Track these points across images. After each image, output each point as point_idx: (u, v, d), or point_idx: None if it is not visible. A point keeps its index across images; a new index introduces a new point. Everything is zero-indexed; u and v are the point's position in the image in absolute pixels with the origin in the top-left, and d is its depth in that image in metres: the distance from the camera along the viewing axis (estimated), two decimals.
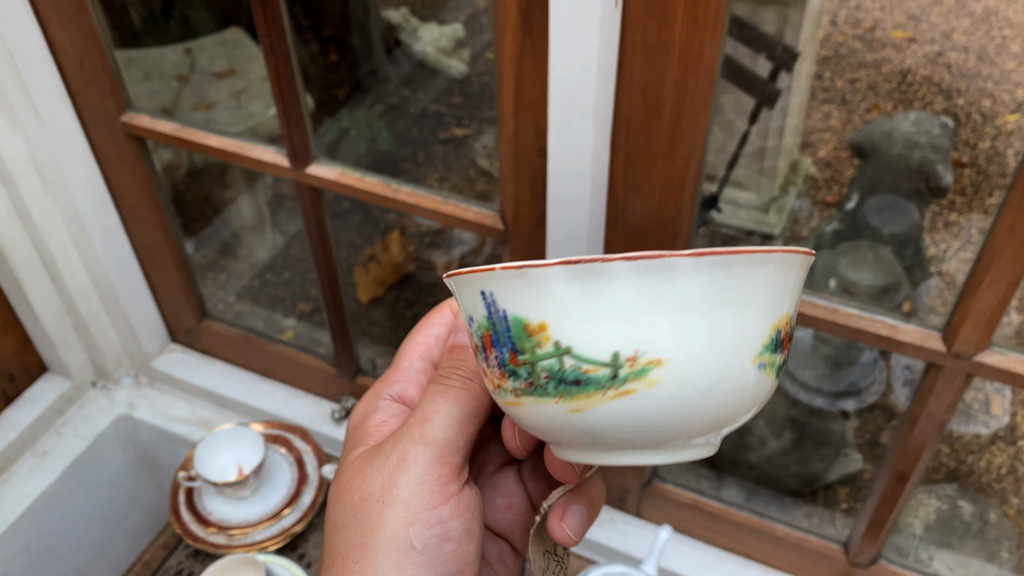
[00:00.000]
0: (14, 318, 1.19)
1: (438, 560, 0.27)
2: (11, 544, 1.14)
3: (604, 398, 0.26)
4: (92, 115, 1.05)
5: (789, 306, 0.27)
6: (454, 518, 0.28)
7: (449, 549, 0.28)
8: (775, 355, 0.27)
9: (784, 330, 0.27)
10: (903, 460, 0.88)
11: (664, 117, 0.73)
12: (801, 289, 0.28)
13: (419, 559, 0.27)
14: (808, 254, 0.28)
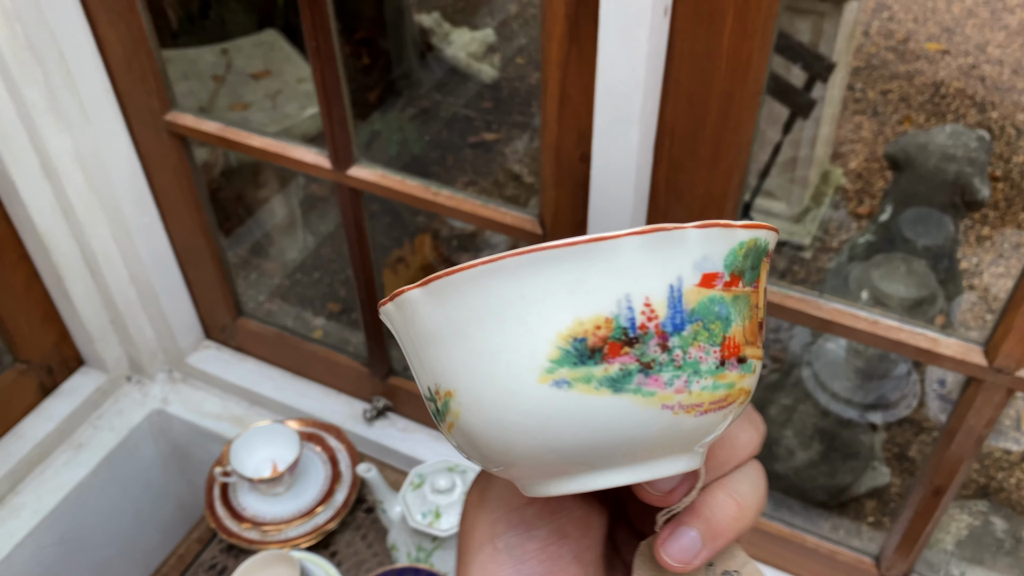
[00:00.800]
0: (54, 312, 1.21)
1: (519, 559, 0.27)
2: (46, 534, 1.16)
3: (446, 429, 0.24)
4: (137, 113, 1.07)
5: (595, 309, 0.22)
6: (539, 518, 0.27)
7: (532, 548, 0.27)
8: (586, 368, 0.22)
9: (599, 334, 0.22)
10: (939, 474, 0.88)
11: (709, 126, 0.73)
12: (616, 282, 0.22)
13: (500, 557, 0.27)
14: (569, 245, 0.21)
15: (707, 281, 0.22)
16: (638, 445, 0.23)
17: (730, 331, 0.23)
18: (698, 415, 0.23)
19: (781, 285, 0.84)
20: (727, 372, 0.23)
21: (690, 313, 0.22)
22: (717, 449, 0.27)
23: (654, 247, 0.22)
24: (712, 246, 0.22)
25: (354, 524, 1.08)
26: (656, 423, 0.22)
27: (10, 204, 1.08)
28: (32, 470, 1.19)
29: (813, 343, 1.45)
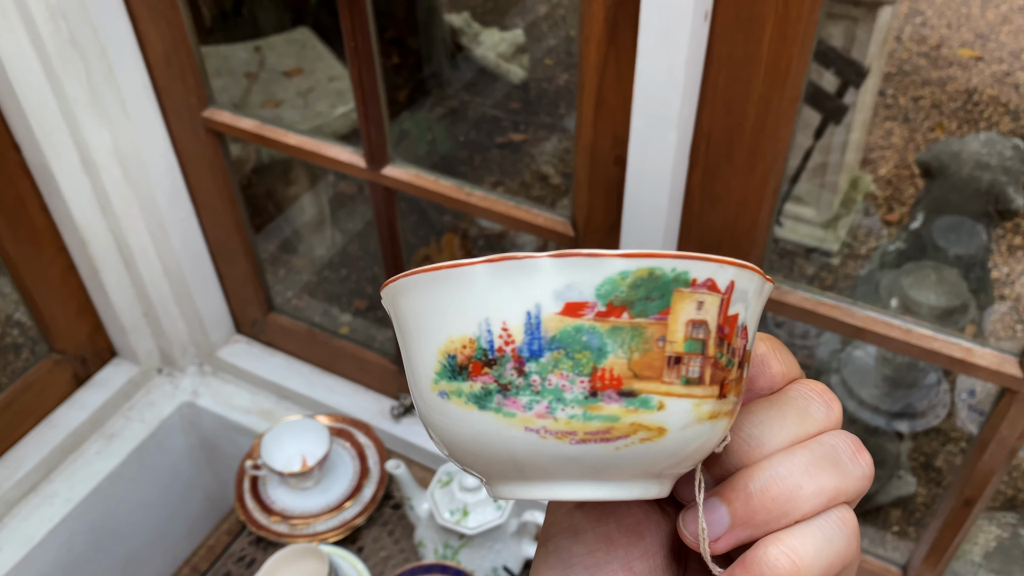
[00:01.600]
0: (89, 304, 1.23)
1: (566, 562, 0.27)
2: (78, 521, 1.18)
3: None
4: (175, 109, 1.08)
5: (462, 329, 0.23)
6: (586, 522, 0.27)
7: (579, 552, 0.27)
8: (456, 383, 0.23)
9: (464, 353, 0.23)
10: (970, 485, 0.87)
11: (746, 131, 0.73)
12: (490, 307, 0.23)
13: (550, 560, 0.27)
14: (446, 268, 0.23)
15: (571, 310, 0.22)
16: (526, 463, 0.23)
17: (605, 362, 0.22)
18: (573, 443, 0.23)
19: (813, 291, 0.84)
20: (602, 404, 0.22)
21: (550, 340, 0.22)
22: (769, 498, 0.24)
23: (506, 275, 0.22)
24: (577, 275, 0.22)
25: (381, 520, 1.09)
26: (526, 444, 0.23)
27: (50, 197, 1.10)
28: (65, 458, 1.21)
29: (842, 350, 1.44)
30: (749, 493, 0.25)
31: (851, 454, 0.26)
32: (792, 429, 0.26)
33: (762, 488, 0.25)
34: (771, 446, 0.25)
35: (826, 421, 0.26)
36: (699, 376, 0.23)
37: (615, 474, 0.24)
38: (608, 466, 0.23)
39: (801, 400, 0.26)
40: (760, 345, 0.27)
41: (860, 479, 0.26)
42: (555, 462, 0.23)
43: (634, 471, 0.24)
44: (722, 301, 0.23)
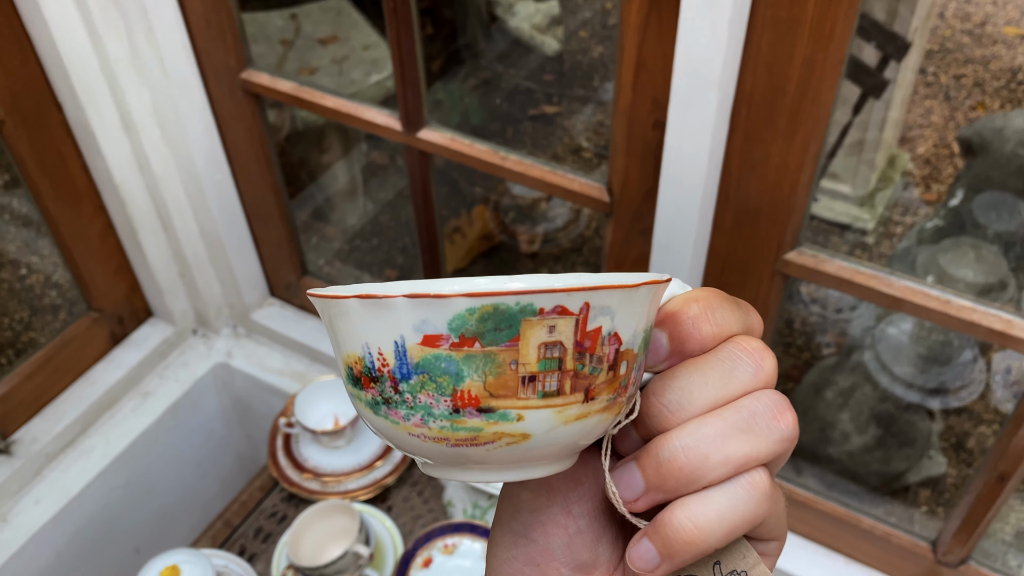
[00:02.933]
0: (126, 263, 1.25)
1: (516, 507, 0.30)
2: (114, 476, 1.20)
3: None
4: (213, 71, 1.09)
5: (352, 347, 0.26)
6: None
7: (526, 497, 0.29)
8: (356, 389, 0.27)
9: (356, 368, 0.26)
10: (1005, 460, 0.86)
11: (788, 95, 0.72)
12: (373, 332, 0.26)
13: (503, 504, 0.30)
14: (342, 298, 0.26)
15: (429, 341, 0.25)
16: (419, 455, 0.27)
17: (462, 385, 0.25)
18: (449, 446, 0.26)
19: (850, 260, 0.83)
20: (465, 419, 0.25)
21: (415, 366, 0.25)
22: (676, 467, 0.26)
23: (373, 309, 0.25)
24: (429, 312, 0.25)
25: (411, 480, 1.11)
26: (415, 444, 0.26)
27: (91, 157, 1.11)
28: (102, 415, 1.24)
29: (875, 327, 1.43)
30: (659, 461, 0.26)
31: (768, 418, 0.26)
32: (712, 392, 0.26)
33: (670, 457, 0.26)
34: (688, 412, 0.26)
35: (753, 381, 0.27)
36: (557, 388, 0.25)
37: (500, 466, 0.26)
38: (488, 460, 0.26)
39: (727, 361, 0.27)
40: (692, 307, 0.27)
41: (776, 443, 0.26)
42: (442, 457, 0.26)
43: (516, 463, 0.26)
44: (577, 321, 0.25)
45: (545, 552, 0.28)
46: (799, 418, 0.29)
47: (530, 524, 0.29)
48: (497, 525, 0.29)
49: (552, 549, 0.28)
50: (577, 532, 0.29)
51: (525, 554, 0.28)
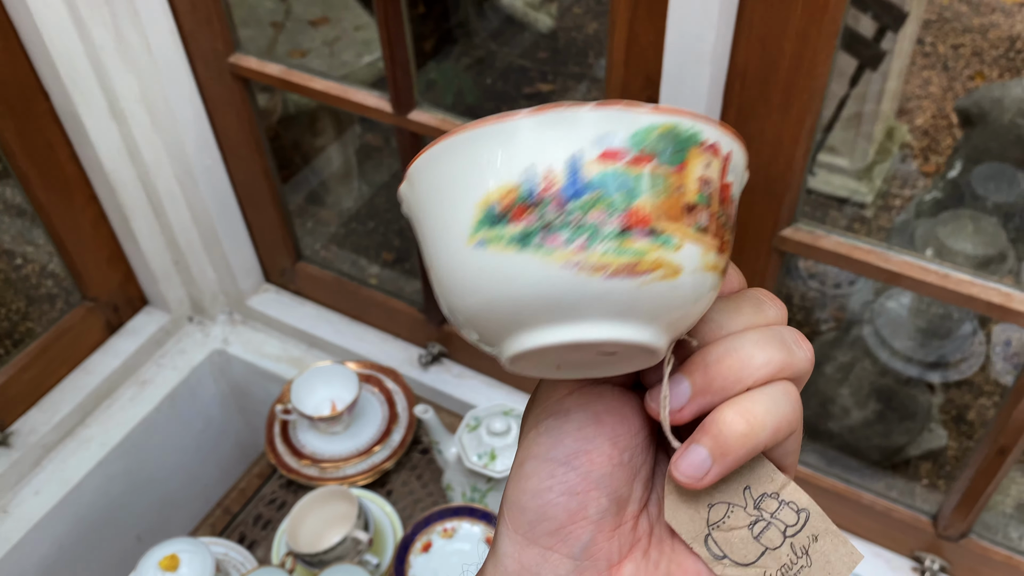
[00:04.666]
0: (120, 252, 1.24)
1: (556, 438, 0.29)
2: (114, 465, 1.20)
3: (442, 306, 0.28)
4: (201, 56, 1.07)
5: (503, 179, 0.25)
6: (577, 406, 0.30)
7: (569, 429, 0.29)
8: (496, 228, 0.25)
9: (505, 201, 0.25)
10: (1005, 434, 0.86)
11: (782, 69, 0.71)
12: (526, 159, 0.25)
13: (540, 439, 0.30)
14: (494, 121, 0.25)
15: (608, 156, 0.25)
16: (557, 301, 0.26)
17: (635, 202, 0.25)
18: (605, 277, 0.25)
19: (848, 235, 0.82)
20: (633, 239, 0.25)
21: (588, 183, 0.25)
22: (724, 367, 0.28)
23: (550, 125, 0.25)
24: (613, 125, 0.25)
25: (410, 464, 1.10)
26: (561, 281, 0.25)
27: (79, 145, 1.10)
28: (99, 404, 1.23)
29: (874, 301, 1.42)
30: (707, 363, 0.28)
31: (796, 339, 0.29)
32: (747, 318, 0.29)
33: (717, 359, 0.28)
34: (729, 328, 0.29)
35: (776, 318, 0.30)
36: (706, 226, 0.26)
37: (634, 315, 0.26)
38: (631, 304, 0.26)
39: (755, 299, 0.30)
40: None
41: (803, 360, 0.29)
42: (586, 299, 0.25)
43: (650, 313, 0.26)
44: (722, 166, 0.27)
45: (587, 480, 0.29)
46: (801, 394, 0.30)
47: (575, 452, 0.29)
48: (532, 458, 0.29)
49: (594, 478, 0.29)
50: (620, 464, 0.29)
51: (563, 483, 0.29)
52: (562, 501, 0.29)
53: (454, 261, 0.26)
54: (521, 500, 0.29)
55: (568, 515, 0.29)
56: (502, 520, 0.30)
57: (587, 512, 0.29)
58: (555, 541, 0.29)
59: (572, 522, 0.29)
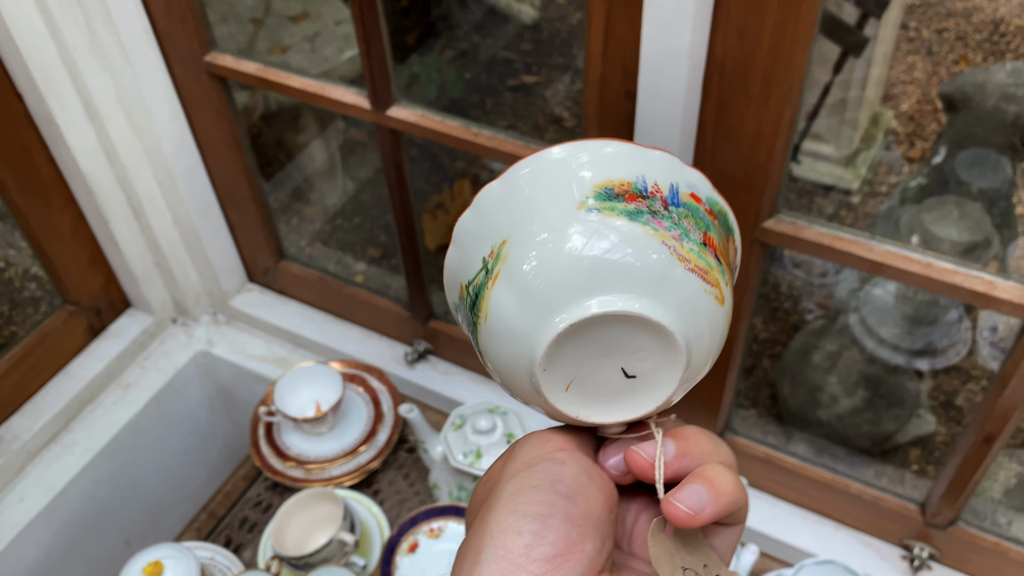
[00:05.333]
0: (100, 254, 1.23)
1: (555, 481, 0.31)
2: (99, 470, 1.19)
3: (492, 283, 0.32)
4: (177, 55, 1.06)
5: (622, 176, 0.31)
6: (571, 457, 0.32)
7: (566, 473, 0.31)
8: (611, 203, 0.31)
9: (622, 187, 0.31)
10: (991, 421, 0.86)
11: (760, 60, 0.71)
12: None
13: (537, 475, 0.31)
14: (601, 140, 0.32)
15: (695, 197, 0.33)
16: (641, 269, 0.30)
17: (710, 233, 0.32)
18: (687, 269, 0.31)
19: (830, 226, 0.82)
20: (707, 253, 0.32)
21: (683, 203, 0.32)
22: (703, 439, 0.33)
23: (661, 159, 0.32)
24: (701, 180, 0.33)
25: (396, 463, 1.10)
26: (657, 252, 0.30)
27: (55, 147, 1.09)
28: (83, 408, 1.22)
29: (860, 289, 1.42)
30: (687, 435, 0.33)
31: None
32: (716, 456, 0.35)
33: (695, 434, 0.33)
34: (696, 433, 0.34)
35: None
36: (727, 279, 0.34)
37: (687, 314, 0.31)
38: (692, 303, 0.31)
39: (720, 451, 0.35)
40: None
41: (743, 491, 0.34)
42: (670, 278, 0.31)
43: (695, 320, 0.31)
44: (734, 256, 0.36)
45: (587, 518, 0.30)
46: (789, 383, 0.34)
47: (575, 491, 0.30)
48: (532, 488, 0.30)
49: (593, 519, 0.30)
50: (607, 516, 0.31)
51: (566, 513, 0.29)
52: (563, 529, 0.29)
53: (555, 221, 0.31)
54: (518, 524, 0.29)
55: (568, 544, 0.29)
56: (485, 548, 0.29)
57: (585, 546, 0.29)
58: (549, 568, 0.28)
59: (570, 551, 0.29)
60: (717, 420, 1.04)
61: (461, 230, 0.33)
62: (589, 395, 0.32)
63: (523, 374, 0.32)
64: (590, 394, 0.32)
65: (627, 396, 0.32)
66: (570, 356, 0.31)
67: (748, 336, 0.99)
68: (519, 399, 0.34)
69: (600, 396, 0.32)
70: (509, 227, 0.31)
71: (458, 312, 0.35)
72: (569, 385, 0.31)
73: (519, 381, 0.32)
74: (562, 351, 0.30)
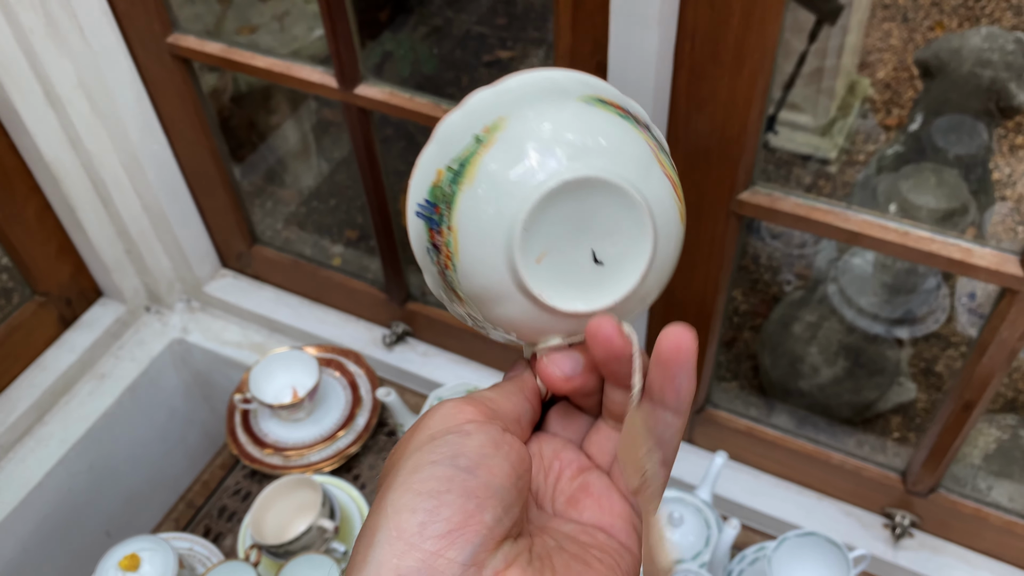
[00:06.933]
0: (69, 243, 1.20)
1: (456, 453, 0.30)
2: (76, 462, 1.17)
3: (472, 171, 0.32)
4: (138, 36, 1.03)
5: (614, 94, 0.34)
6: (475, 428, 0.31)
7: (472, 444, 0.30)
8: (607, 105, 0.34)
9: (612, 102, 0.34)
10: (970, 388, 0.86)
11: (732, 28, 0.69)
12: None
13: (440, 449, 0.30)
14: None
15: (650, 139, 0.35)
16: (629, 154, 0.32)
17: (668, 160, 0.35)
18: (663, 174, 0.33)
19: (806, 197, 0.81)
20: (674, 174, 0.34)
21: (653, 134, 0.35)
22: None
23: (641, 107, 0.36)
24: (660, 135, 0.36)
25: (376, 447, 1.09)
26: (642, 148, 0.33)
27: (16, 134, 1.06)
28: (57, 401, 1.20)
29: (839, 259, 1.42)
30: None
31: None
32: None
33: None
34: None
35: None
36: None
37: (654, 205, 0.32)
38: (661, 201, 0.33)
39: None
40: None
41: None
42: (644, 168, 0.33)
43: (662, 219, 0.33)
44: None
45: (487, 488, 0.29)
46: (770, 355, 0.33)
47: (477, 463, 0.30)
48: (430, 464, 0.29)
49: (494, 488, 0.29)
50: (515, 485, 0.30)
51: (463, 486, 0.29)
52: (459, 502, 0.28)
53: (555, 108, 0.32)
54: (413, 502, 0.28)
55: (464, 517, 0.28)
56: (380, 528, 0.28)
57: (483, 517, 0.28)
58: (444, 544, 0.28)
59: (466, 525, 0.28)
60: (698, 393, 1.04)
61: (446, 127, 0.33)
62: (557, 275, 0.32)
63: (499, 242, 0.31)
64: (558, 274, 0.32)
65: (591, 286, 0.32)
66: (550, 223, 0.31)
67: (728, 309, 0.98)
68: (479, 290, 0.33)
69: (566, 280, 0.32)
70: (505, 112, 0.32)
71: (424, 200, 0.34)
72: (542, 257, 0.32)
73: (491, 253, 0.32)
74: (545, 214, 0.31)
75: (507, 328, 0.34)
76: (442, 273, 0.34)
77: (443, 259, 0.33)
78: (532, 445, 0.35)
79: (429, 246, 0.33)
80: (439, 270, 0.34)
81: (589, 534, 0.33)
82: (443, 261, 0.33)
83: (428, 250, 0.34)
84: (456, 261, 0.33)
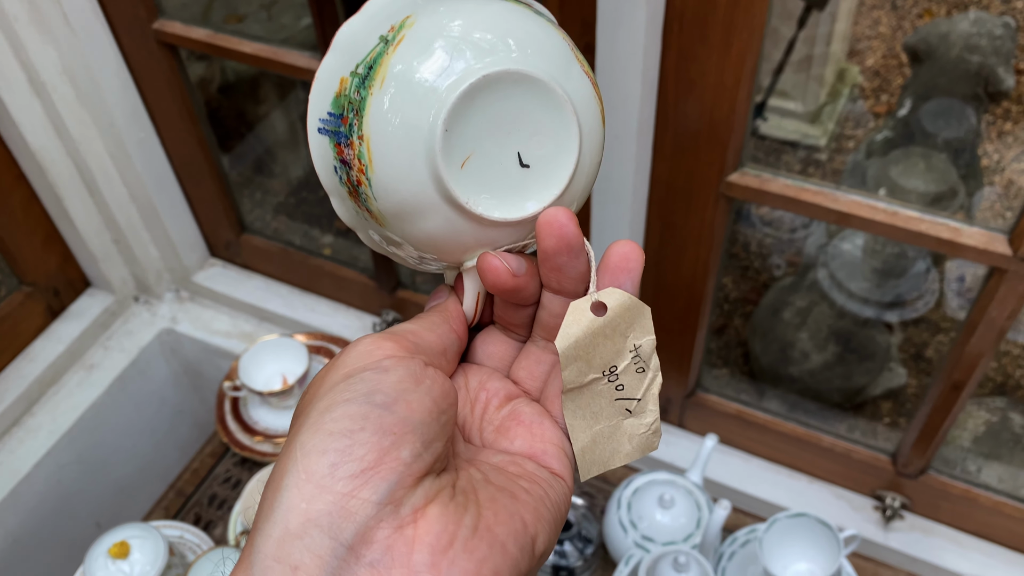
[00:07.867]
0: (56, 233, 1.19)
1: (373, 390, 0.29)
2: (64, 453, 1.17)
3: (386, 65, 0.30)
4: (123, 23, 1.03)
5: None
6: (393, 363, 0.29)
7: (390, 380, 0.29)
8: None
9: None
10: (959, 369, 0.86)
11: (720, 7, 0.69)
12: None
13: (356, 387, 0.29)
14: None
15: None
16: (550, 48, 0.31)
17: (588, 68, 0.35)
18: (583, 71, 0.32)
19: (795, 178, 0.81)
20: (591, 73, 0.33)
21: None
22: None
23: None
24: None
25: None
26: (561, 44, 0.32)
27: (1, 122, 1.05)
28: (45, 391, 1.20)
29: (828, 244, 1.42)
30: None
31: None
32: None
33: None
34: None
35: None
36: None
37: (577, 102, 0.31)
38: (583, 100, 0.32)
39: None
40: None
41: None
42: (564, 64, 0.31)
43: (585, 116, 0.32)
44: None
45: (404, 424, 0.28)
46: (760, 340, 0.32)
47: (395, 398, 0.28)
48: (344, 402, 0.28)
49: (413, 423, 0.28)
50: (437, 420, 0.29)
51: (378, 423, 0.27)
52: (374, 440, 0.27)
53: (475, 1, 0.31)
54: (324, 443, 0.27)
55: (379, 454, 0.27)
56: (288, 472, 0.27)
57: (400, 453, 0.27)
58: (358, 484, 0.26)
59: (381, 463, 0.27)
60: (688, 379, 1.04)
61: (346, 33, 0.31)
62: (482, 181, 0.30)
63: (418, 147, 0.29)
64: (484, 180, 0.30)
65: (518, 191, 0.31)
66: (473, 123, 0.29)
67: (718, 296, 0.98)
68: (397, 204, 0.30)
69: (493, 186, 0.30)
70: (412, 9, 0.30)
71: (328, 113, 0.31)
72: (465, 161, 0.29)
73: (409, 160, 0.29)
74: (467, 113, 0.29)
75: (429, 247, 0.32)
76: (354, 192, 0.31)
77: (355, 174, 0.30)
78: (457, 378, 0.34)
79: (337, 163, 0.31)
80: (350, 189, 0.31)
81: (518, 464, 0.31)
82: (355, 177, 0.30)
83: (336, 168, 0.31)
84: (370, 174, 0.30)
